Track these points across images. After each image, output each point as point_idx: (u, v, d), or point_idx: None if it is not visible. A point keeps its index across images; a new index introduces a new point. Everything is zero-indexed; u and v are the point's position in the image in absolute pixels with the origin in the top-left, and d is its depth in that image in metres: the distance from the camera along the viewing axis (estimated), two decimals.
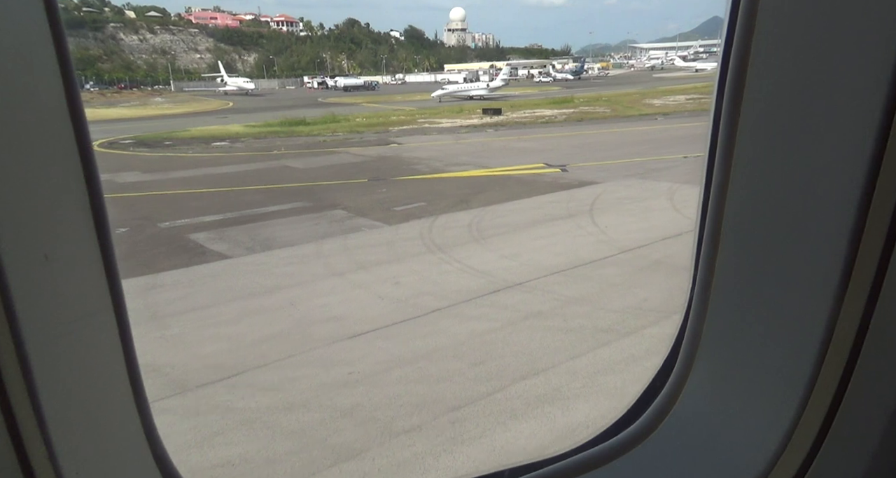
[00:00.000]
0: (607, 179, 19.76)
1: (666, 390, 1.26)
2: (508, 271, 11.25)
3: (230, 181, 22.11)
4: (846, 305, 0.89)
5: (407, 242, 13.51)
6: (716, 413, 1.17)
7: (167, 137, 40.33)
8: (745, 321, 1.09)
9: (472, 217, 15.59)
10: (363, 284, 10.76)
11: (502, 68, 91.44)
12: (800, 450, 1.00)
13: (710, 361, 1.18)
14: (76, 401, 0.91)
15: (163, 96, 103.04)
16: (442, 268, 11.59)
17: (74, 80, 0.85)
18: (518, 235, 13.77)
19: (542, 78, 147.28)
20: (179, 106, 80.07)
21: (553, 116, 47.62)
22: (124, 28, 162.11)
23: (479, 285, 10.54)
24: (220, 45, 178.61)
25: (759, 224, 1.01)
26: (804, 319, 0.96)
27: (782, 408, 1.01)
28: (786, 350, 1.01)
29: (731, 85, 0.98)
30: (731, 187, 1.03)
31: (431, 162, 25.50)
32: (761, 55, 0.94)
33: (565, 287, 10.39)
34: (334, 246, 13.26)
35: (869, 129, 0.81)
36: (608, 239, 13.17)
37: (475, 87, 78.66)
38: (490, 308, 9.55)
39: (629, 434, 1.26)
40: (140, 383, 1.03)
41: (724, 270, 1.09)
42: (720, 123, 1.02)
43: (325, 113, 52.41)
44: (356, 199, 18.37)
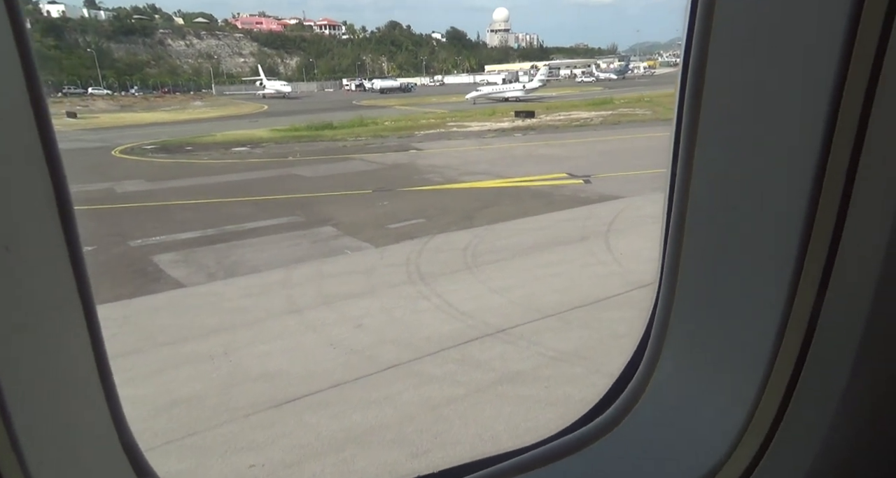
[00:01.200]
0: (633, 193, 17.63)
1: (634, 379, 1.30)
2: (494, 312, 9.45)
3: (231, 191, 20.97)
4: (799, 294, 0.94)
5: (389, 269, 11.86)
6: (682, 400, 1.22)
7: (190, 142, 39.97)
8: (709, 312, 1.14)
9: (471, 238, 13.83)
10: (320, 325, 9.16)
11: (540, 69, 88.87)
12: (759, 433, 1.05)
13: (677, 349, 1.23)
14: (40, 393, 0.89)
15: (203, 100, 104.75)
16: (418, 305, 9.89)
17: (37, 77, 0.83)
18: (517, 263, 11.94)
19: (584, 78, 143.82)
20: (216, 110, 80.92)
21: (588, 119, 45.19)
22: (172, 34, 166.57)
23: (455, 331, 8.79)
24: (263, 49, 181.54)
25: (720, 218, 1.06)
26: (762, 308, 1.01)
27: (743, 393, 1.05)
28: (746, 339, 1.06)
29: (691, 86, 1.02)
30: (694, 184, 1.07)
31: (446, 171, 23.81)
32: (719, 55, 0.98)
33: (558, 337, 8.53)
34: (306, 273, 11.73)
35: (816, 123, 0.86)
36: (621, 271, 11.19)
37: (511, 89, 76.56)
38: (458, 365, 7.79)
39: (600, 422, 1.30)
40: (109, 376, 1.01)
41: (688, 263, 1.15)
42: (682, 122, 1.06)
43: (355, 116, 51.39)
44: (352, 213, 16.85)
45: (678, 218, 1.12)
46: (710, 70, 0.99)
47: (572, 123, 42.92)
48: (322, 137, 40.26)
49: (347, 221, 15.95)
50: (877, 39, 0.80)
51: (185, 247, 13.73)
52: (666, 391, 1.25)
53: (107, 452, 1.04)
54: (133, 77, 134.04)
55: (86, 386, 0.99)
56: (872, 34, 0.80)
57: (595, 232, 13.83)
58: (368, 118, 51.45)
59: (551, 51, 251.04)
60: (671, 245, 1.16)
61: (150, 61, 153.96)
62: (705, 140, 1.03)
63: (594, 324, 8.95)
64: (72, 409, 0.98)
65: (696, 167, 1.06)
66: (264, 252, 13.25)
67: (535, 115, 49.80)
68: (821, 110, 0.85)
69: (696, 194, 1.07)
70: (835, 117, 0.84)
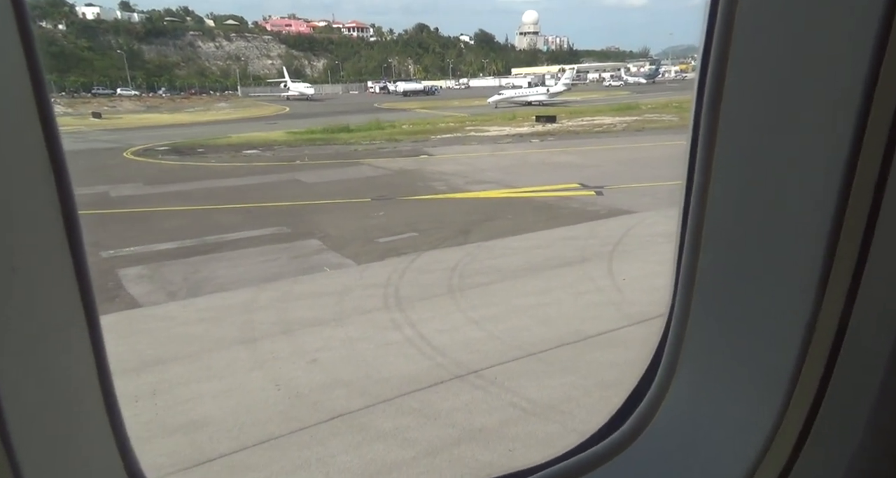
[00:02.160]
0: (647, 207, 16.30)
1: (649, 395, 1.25)
2: (469, 348, 8.34)
3: (226, 197, 20.24)
4: (825, 307, 0.90)
5: (366, 291, 10.83)
6: (699, 417, 1.17)
7: (204, 143, 39.65)
8: (727, 324, 1.10)
9: (462, 256, 12.72)
10: (270, 359, 8.16)
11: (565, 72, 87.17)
12: (782, 451, 1.01)
13: (692, 364, 1.18)
14: (45, 415, 0.89)
15: (227, 102, 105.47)
16: (386, 337, 8.83)
17: (45, 88, 0.82)
18: (506, 288, 10.79)
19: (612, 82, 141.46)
20: (239, 111, 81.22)
21: (611, 125, 43.67)
22: (202, 36, 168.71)
23: (420, 372, 7.71)
24: (291, 51, 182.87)
25: (739, 228, 1.03)
26: (784, 321, 0.97)
27: (764, 410, 1.02)
28: (767, 353, 1.02)
29: (709, 92, 1.00)
30: (711, 192, 1.04)
31: (453, 178, 22.74)
32: (739, 60, 0.95)
33: (536, 383, 7.38)
34: (275, 294, 10.77)
35: (845, 132, 0.82)
36: (621, 300, 9.96)
37: (534, 93, 74.90)
38: (414, 418, 6.70)
39: (613, 440, 1.26)
40: (114, 398, 1.01)
41: (705, 274, 1.10)
42: (700, 129, 1.03)
43: (372, 119, 50.69)
44: (343, 224, 15.90)
45: (695, 228, 1.09)
46: (730, 75, 0.97)
47: (594, 129, 41.46)
48: (336, 141, 39.57)
49: (336, 234, 14.99)
50: None
51: (158, 259, 12.92)
52: (683, 407, 1.21)
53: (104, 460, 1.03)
54: (162, 78, 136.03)
55: (90, 406, 0.98)
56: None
57: (598, 253, 12.59)
58: (386, 122, 50.71)
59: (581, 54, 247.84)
60: (687, 255, 1.12)
61: (180, 63, 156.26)
62: (724, 148, 1.01)
63: (580, 367, 7.76)
64: (77, 435, 0.97)
65: (714, 176, 1.03)
66: (238, 268, 12.35)
67: (557, 119, 48.39)
68: (848, 118, 0.82)
69: (713, 204, 1.05)
70: (864, 125, 0.81)
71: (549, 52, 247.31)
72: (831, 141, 0.84)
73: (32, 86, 0.81)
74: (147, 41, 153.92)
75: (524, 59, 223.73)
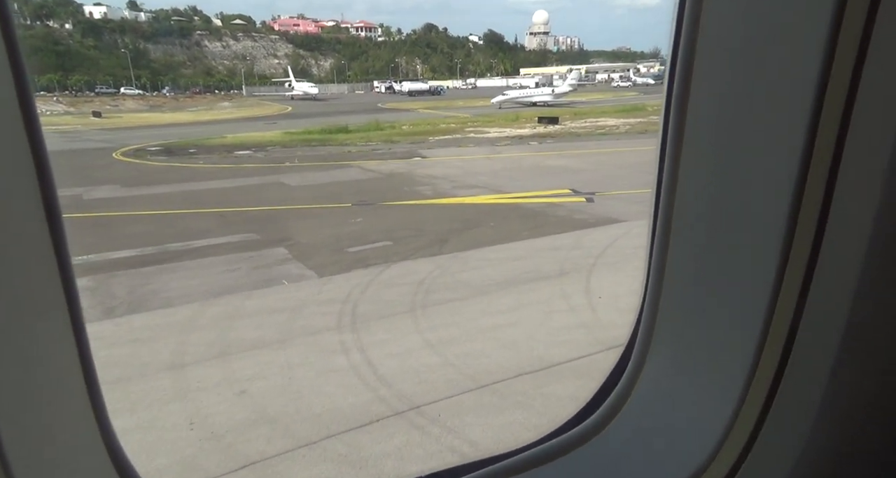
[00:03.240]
0: (637, 216, 15.39)
1: (621, 382, 1.30)
2: (418, 377, 7.52)
3: (203, 201, 19.53)
4: (781, 298, 0.95)
5: (321, 308, 10.03)
6: (667, 402, 1.22)
7: (197, 144, 39.09)
8: (693, 315, 1.15)
9: (432, 269, 11.89)
10: (195, 389, 7.37)
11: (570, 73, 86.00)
12: (742, 433, 1.05)
13: (662, 353, 1.23)
14: (29, 401, 0.89)
15: (231, 101, 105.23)
16: (330, 363, 8.02)
17: (27, 80, 0.83)
18: (473, 306, 9.95)
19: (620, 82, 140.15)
20: (242, 111, 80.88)
21: (614, 127, 42.73)
22: (209, 36, 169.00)
23: (358, 406, 6.89)
24: (298, 50, 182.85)
25: (704, 223, 1.06)
26: (745, 312, 1.01)
27: (726, 396, 1.05)
28: (729, 341, 1.06)
29: (677, 92, 1.03)
30: (679, 188, 1.08)
31: (441, 183, 21.91)
32: (704, 63, 0.99)
33: (483, 421, 6.55)
34: (222, 310, 9.99)
35: (797, 135, 0.87)
36: (594, 321, 9.11)
37: (539, 93, 73.94)
38: (337, 466, 5.88)
39: (587, 426, 1.30)
40: (96, 383, 1.02)
41: (673, 267, 1.15)
42: (668, 127, 1.07)
43: (372, 120, 49.98)
44: (316, 232, 15.11)
45: (664, 222, 1.13)
46: (696, 75, 1.00)
47: (596, 131, 40.51)
48: (332, 141, 38.87)
49: (306, 242, 14.21)
50: (857, 43, 0.81)
51: (109, 270, 12.18)
52: (651, 395, 1.25)
53: (95, 462, 1.04)
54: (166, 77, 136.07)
55: (72, 392, 0.99)
56: (853, 37, 0.81)
57: (578, 266, 11.73)
58: (386, 122, 50.02)
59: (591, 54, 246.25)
60: (657, 249, 1.16)
61: (186, 62, 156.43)
62: (691, 144, 1.04)
63: (536, 402, 6.92)
64: (57, 414, 0.97)
65: (682, 171, 1.07)
66: (193, 279, 11.59)
67: (559, 121, 47.53)
68: (803, 115, 0.86)
69: (682, 198, 1.08)
70: (816, 123, 0.85)
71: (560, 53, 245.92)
72: (787, 138, 0.88)
73: (15, 84, 0.81)
74: (153, 40, 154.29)
75: (534, 59, 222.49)
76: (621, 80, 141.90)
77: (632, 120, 47.48)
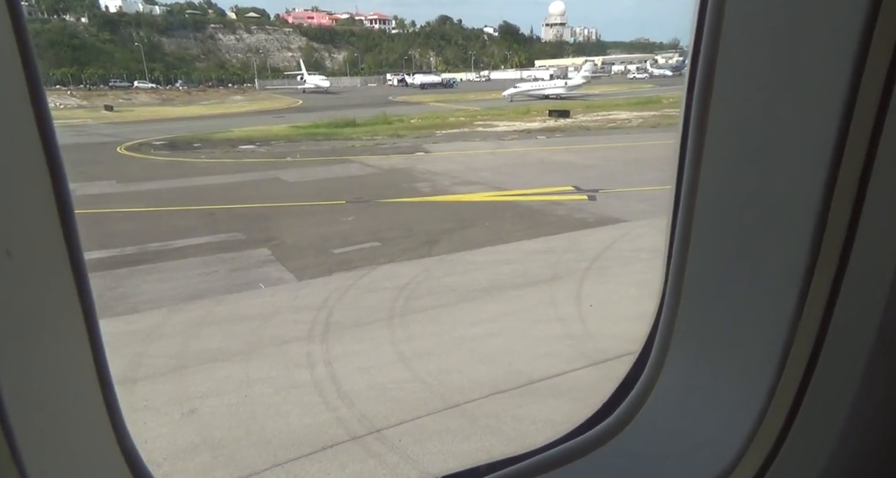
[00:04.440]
0: (640, 216, 14.67)
1: (640, 383, 1.26)
2: (383, 396, 6.96)
3: (195, 197, 19.12)
4: (810, 297, 0.91)
5: (294, 315, 9.50)
6: (689, 404, 1.18)
7: (203, 138, 38.83)
8: (715, 314, 1.11)
9: (418, 272, 11.31)
10: (140, 408, 6.86)
11: (584, 64, 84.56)
12: (768, 438, 1.02)
13: (683, 351, 1.20)
14: (40, 398, 0.87)
15: (243, 94, 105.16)
16: (292, 377, 7.48)
17: (38, 76, 0.83)
18: (454, 314, 9.35)
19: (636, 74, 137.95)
20: (253, 104, 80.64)
21: (626, 121, 41.74)
22: (223, 29, 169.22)
23: (313, 427, 6.35)
24: (311, 43, 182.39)
25: (728, 220, 1.03)
26: (771, 311, 0.98)
27: (752, 398, 1.03)
28: (754, 342, 1.03)
29: (699, 87, 1.01)
30: (702, 184, 1.05)
31: (440, 179, 21.29)
32: (727, 61, 0.96)
33: (444, 449, 5.97)
34: (189, 317, 9.50)
35: (828, 135, 0.83)
36: (581, 332, 8.46)
37: (551, 86, 72.73)
38: None
39: (604, 428, 1.27)
40: (109, 381, 1.00)
41: (695, 265, 1.12)
42: (690, 122, 1.04)
43: (380, 114, 49.39)
44: (303, 231, 14.60)
45: (685, 218, 1.10)
46: (720, 67, 0.97)
47: (607, 125, 39.58)
48: (337, 136, 38.39)
49: (291, 242, 13.70)
50: (894, 40, 0.78)
51: None
52: (672, 395, 1.22)
53: (106, 455, 1.03)
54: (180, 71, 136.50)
55: (86, 391, 0.98)
56: (889, 34, 0.78)
57: (571, 270, 11.07)
58: (394, 116, 49.39)
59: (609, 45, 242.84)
60: (678, 245, 1.13)
61: (200, 55, 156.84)
62: (714, 139, 1.02)
63: (506, 427, 6.32)
64: (72, 414, 0.96)
65: (703, 168, 1.04)
66: (166, 282, 11.12)
67: (570, 114, 46.57)
68: (834, 115, 0.83)
69: (704, 194, 1.05)
70: (848, 122, 0.82)
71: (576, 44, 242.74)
72: (817, 138, 0.85)
73: (26, 80, 0.81)
74: (168, 34, 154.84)
75: (550, 51, 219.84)
76: (637, 72, 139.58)
77: (645, 113, 46.41)
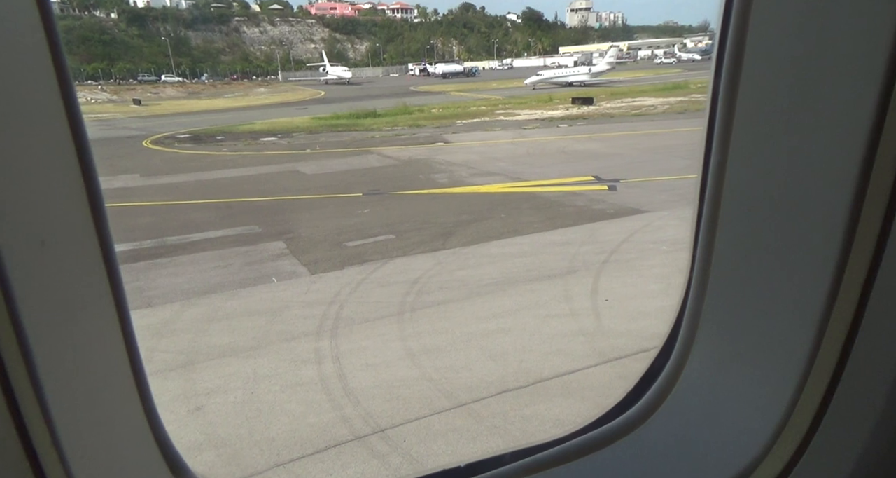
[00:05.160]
0: (661, 206, 14.27)
1: (665, 372, 1.25)
2: (390, 394, 6.85)
3: (215, 191, 19.27)
4: (844, 287, 0.89)
5: (305, 310, 9.45)
6: (716, 395, 1.17)
7: (226, 130, 39.21)
8: (744, 301, 1.09)
9: (430, 266, 11.16)
10: None
11: (609, 50, 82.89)
12: (799, 428, 1.00)
13: (708, 342, 1.18)
14: (77, 388, 0.88)
15: (267, 87, 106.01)
16: (298, 375, 7.43)
17: (68, 73, 0.85)
18: (465, 309, 9.19)
19: (664, 59, 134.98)
20: (276, 96, 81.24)
21: (651, 107, 40.82)
22: (247, 21, 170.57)
23: (316, 427, 6.28)
24: (334, 34, 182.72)
25: (756, 209, 1.02)
26: (803, 299, 0.96)
27: (781, 388, 1.01)
28: (785, 330, 1.01)
29: (727, 71, 0.99)
30: (729, 171, 1.03)
31: (459, 169, 21.06)
32: (755, 54, 0.95)
33: (450, 449, 5.84)
34: (201, 312, 9.52)
35: (864, 115, 0.81)
36: (596, 329, 8.23)
37: (575, 73, 71.53)
38: None
39: (629, 417, 1.26)
40: (142, 369, 1.02)
41: (722, 254, 1.10)
42: (717, 108, 1.02)
43: (400, 104, 49.22)
44: (319, 224, 14.56)
45: (712, 205, 1.07)
46: (749, 50, 0.95)
47: (631, 112, 38.78)
48: (357, 127, 38.39)
49: (306, 235, 13.67)
50: None
51: None
52: (697, 386, 1.20)
53: (142, 447, 1.04)
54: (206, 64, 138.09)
55: (120, 382, 0.98)
56: None
57: (587, 263, 10.79)
58: (415, 106, 49.18)
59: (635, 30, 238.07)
60: (704, 233, 1.11)
61: (225, 48, 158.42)
62: (742, 127, 1.00)
63: (513, 427, 6.15)
64: (108, 404, 0.97)
65: (731, 154, 1.02)
66: (181, 276, 11.18)
67: (594, 102, 45.75)
68: (869, 101, 0.80)
69: (732, 182, 1.03)
70: (884, 108, 0.80)
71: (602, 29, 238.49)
72: (852, 124, 0.83)
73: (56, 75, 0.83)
74: (194, 27, 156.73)
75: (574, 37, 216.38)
76: (665, 57, 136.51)
77: (671, 99, 45.34)
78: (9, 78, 0.77)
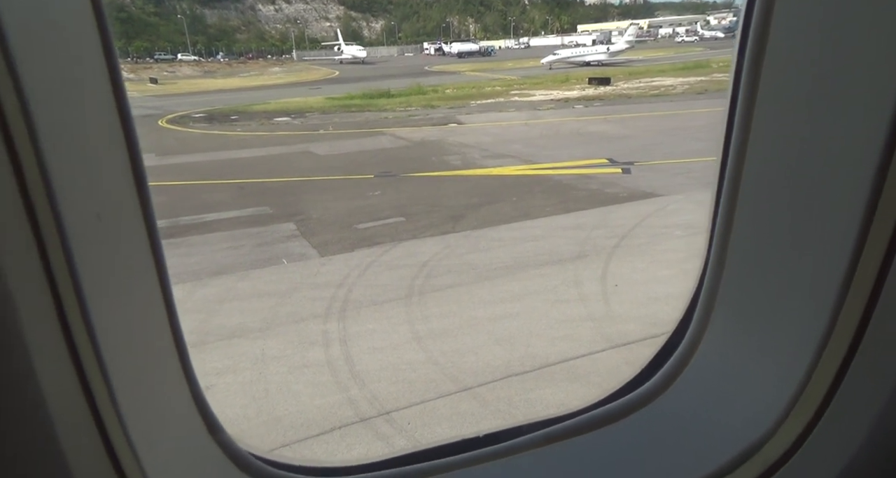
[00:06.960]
0: (676, 190, 14.07)
1: (681, 347, 1.28)
2: (395, 377, 6.90)
3: (228, 171, 19.36)
4: (860, 268, 0.90)
5: (313, 291, 9.51)
6: (729, 370, 1.19)
7: (240, 110, 39.27)
8: (760, 283, 1.10)
9: (439, 249, 11.15)
10: None
11: (628, 28, 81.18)
12: (810, 405, 1.02)
13: (724, 321, 1.21)
14: (130, 352, 0.93)
15: (281, 66, 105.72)
16: (305, 357, 7.50)
17: (114, 54, 0.89)
18: (473, 293, 9.18)
19: (685, 37, 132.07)
20: (291, 75, 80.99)
21: (670, 87, 40.10)
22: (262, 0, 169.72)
23: (322, 409, 6.35)
24: (349, 12, 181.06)
25: (775, 189, 1.02)
26: (817, 282, 0.97)
27: (794, 366, 1.02)
28: (798, 313, 1.02)
29: (751, 49, 0.99)
30: (750, 151, 1.05)
31: (471, 151, 20.92)
32: (784, 18, 0.94)
33: (455, 432, 5.85)
34: (211, 292, 9.62)
35: (889, 97, 0.81)
36: (604, 314, 8.18)
37: (593, 52, 70.31)
38: None
39: (645, 390, 1.29)
40: (181, 336, 1.06)
41: (740, 232, 1.11)
42: (740, 88, 1.02)
43: (414, 84, 48.81)
44: (330, 205, 14.59)
45: (731, 185, 1.08)
46: (775, 28, 0.95)
47: (649, 92, 38.12)
48: (371, 107, 38.19)
49: (317, 216, 13.71)
50: None
51: None
52: (712, 361, 1.23)
53: (183, 407, 1.10)
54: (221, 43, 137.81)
55: (164, 348, 1.04)
56: None
57: (598, 248, 10.70)
58: (429, 86, 48.76)
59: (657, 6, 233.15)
60: (723, 211, 1.12)
61: (241, 27, 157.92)
62: (764, 106, 1.00)
63: (518, 411, 6.17)
64: (154, 368, 1.02)
65: (753, 133, 1.03)
66: (193, 257, 11.29)
67: (611, 82, 45.02)
68: (890, 94, 0.80)
69: (752, 162, 1.04)
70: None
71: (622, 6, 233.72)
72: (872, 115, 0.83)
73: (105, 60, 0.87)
74: (210, 6, 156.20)
75: (594, 14, 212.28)
76: (686, 35, 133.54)
77: (691, 79, 44.48)
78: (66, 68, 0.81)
